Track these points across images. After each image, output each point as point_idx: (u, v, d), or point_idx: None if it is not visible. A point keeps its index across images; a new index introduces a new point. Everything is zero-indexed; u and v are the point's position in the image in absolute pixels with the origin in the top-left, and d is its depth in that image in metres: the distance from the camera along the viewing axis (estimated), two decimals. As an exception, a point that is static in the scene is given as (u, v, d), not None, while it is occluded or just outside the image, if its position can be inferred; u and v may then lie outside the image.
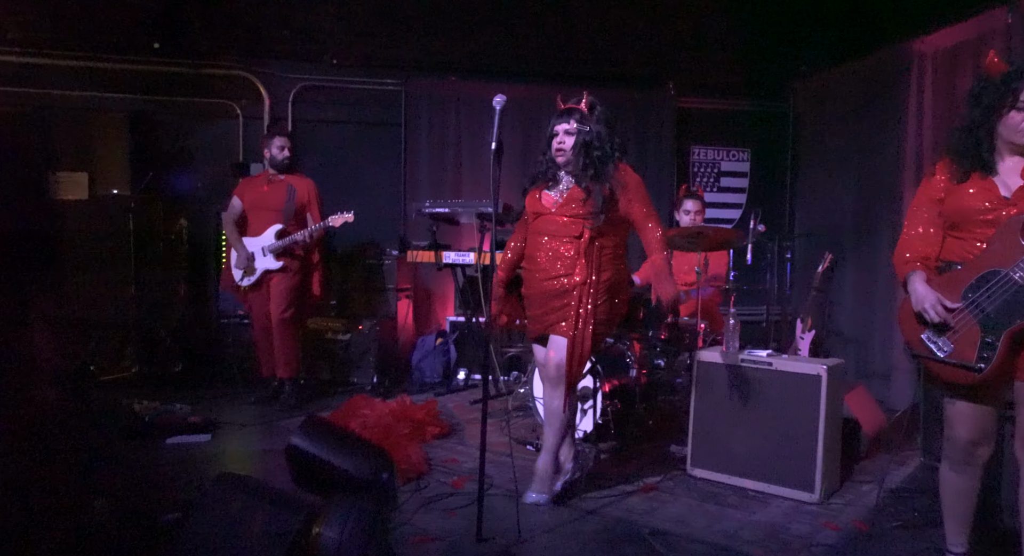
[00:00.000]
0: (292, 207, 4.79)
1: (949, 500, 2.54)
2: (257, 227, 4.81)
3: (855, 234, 5.82)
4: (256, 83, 6.10)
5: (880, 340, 5.46)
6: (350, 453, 1.04)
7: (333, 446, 1.04)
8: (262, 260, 4.76)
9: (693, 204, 4.91)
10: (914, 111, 5.17)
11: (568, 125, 3.20)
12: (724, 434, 3.58)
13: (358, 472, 1.03)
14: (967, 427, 2.42)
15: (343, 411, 4.21)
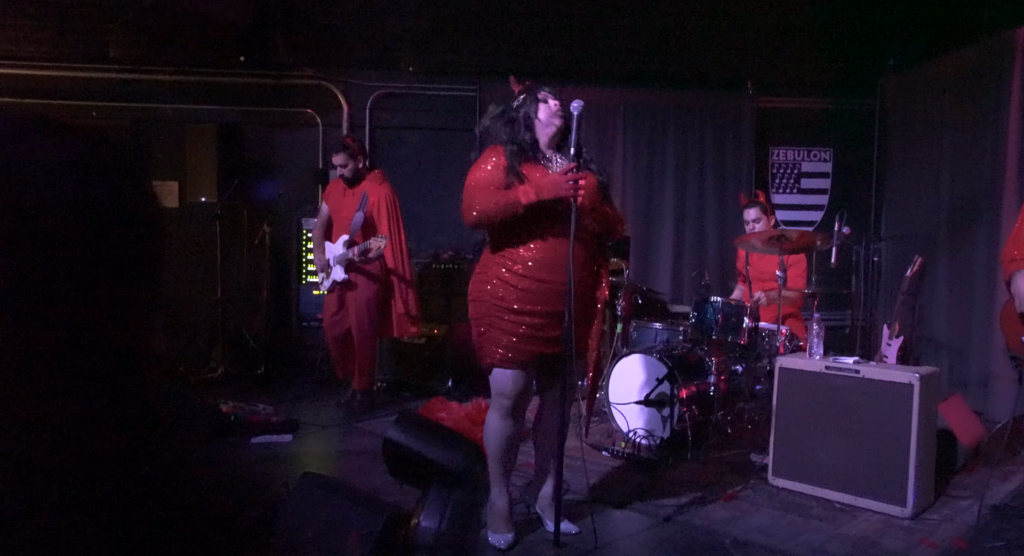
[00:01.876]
0: (361, 216, 4.66)
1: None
2: (336, 233, 4.83)
3: (949, 236, 5.54)
4: (335, 92, 6.26)
5: (978, 347, 5.18)
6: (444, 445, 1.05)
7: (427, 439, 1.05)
8: (334, 270, 4.77)
9: (754, 212, 4.70)
10: (1017, 105, 4.88)
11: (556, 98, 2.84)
12: (808, 443, 3.46)
13: (452, 464, 1.03)
14: None
15: (421, 413, 4.26)
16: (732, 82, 6.44)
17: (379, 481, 3.49)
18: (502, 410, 2.77)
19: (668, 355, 4.14)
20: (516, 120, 2.82)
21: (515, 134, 2.80)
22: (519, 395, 2.78)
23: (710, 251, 6.44)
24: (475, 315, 2.82)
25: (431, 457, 1.05)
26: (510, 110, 2.86)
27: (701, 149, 6.47)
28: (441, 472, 1.07)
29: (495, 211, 2.67)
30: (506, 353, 2.73)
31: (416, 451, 1.06)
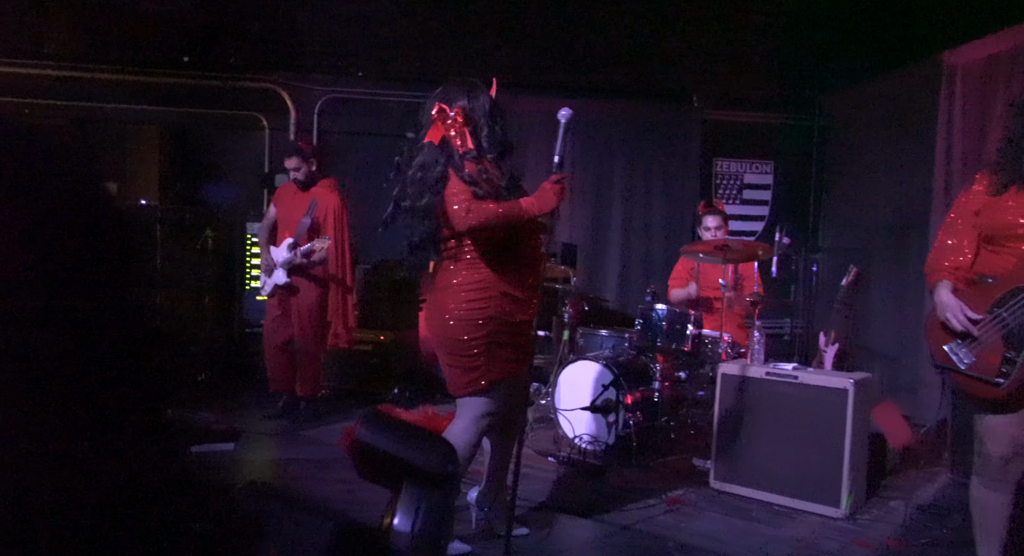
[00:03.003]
0: (308, 222, 4.64)
1: (982, 518, 2.50)
2: (281, 238, 4.73)
3: (883, 248, 5.76)
4: (283, 95, 6.18)
5: (908, 354, 5.39)
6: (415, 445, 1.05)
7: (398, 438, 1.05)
8: (276, 273, 4.68)
9: (714, 220, 4.76)
10: (945, 125, 5.12)
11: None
12: (749, 448, 3.55)
13: (424, 464, 1.03)
14: (999, 443, 2.39)
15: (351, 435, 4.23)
16: (679, 95, 6.59)
17: (328, 490, 3.46)
18: (484, 428, 2.74)
19: (614, 362, 4.21)
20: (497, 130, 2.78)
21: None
22: (495, 415, 2.75)
23: (656, 259, 6.56)
24: (473, 334, 2.65)
25: (403, 457, 1.04)
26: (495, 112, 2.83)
27: (649, 159, 6.60)
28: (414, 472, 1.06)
29: (501, 220, 2.60)
30: (513, 366, 2.71)
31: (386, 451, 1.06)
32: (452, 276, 2.72)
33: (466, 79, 2.86)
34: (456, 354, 2.70)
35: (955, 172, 5.00)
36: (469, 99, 2.78)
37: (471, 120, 2.74)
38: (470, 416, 2.71)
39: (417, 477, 1.11)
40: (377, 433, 1.15)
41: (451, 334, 2.69)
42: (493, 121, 2.77)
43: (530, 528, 3.06)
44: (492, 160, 2.72)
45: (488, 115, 2.77)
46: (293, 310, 4.70)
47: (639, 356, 4.39)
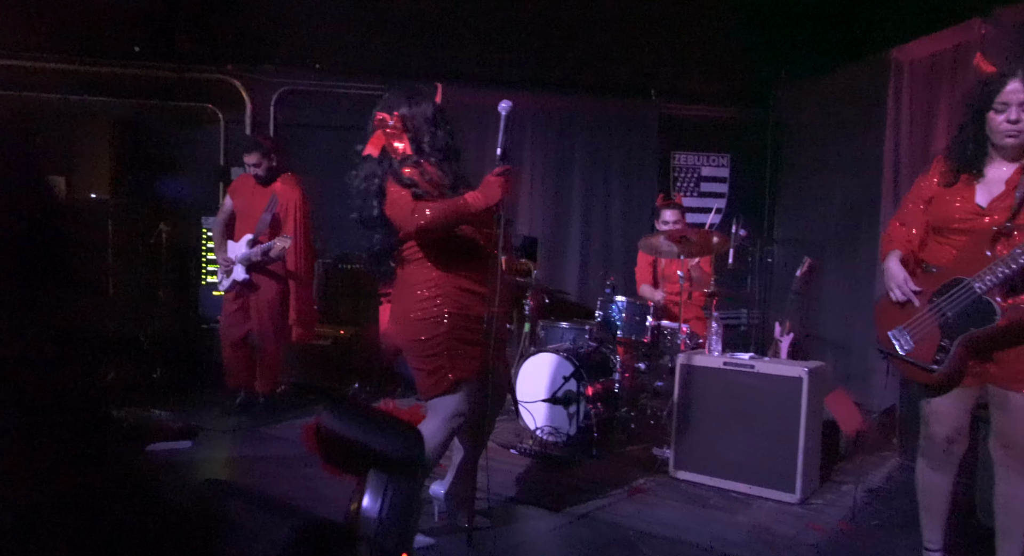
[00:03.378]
0: (268, 217, 4.58)
1: (925, 497, 2.60)
2: (240, 232, 4.69)
3: (836, 239, 5.91)
4: (238, 87, 6.07)
5: (860, 343, 5.54)
6: (381, 431, 1.04)
7: (363, 424, 1.04)
8: (235, 269, 4.62)
9: (671, 214, 4.80)
10: (893, 119, 5.26)
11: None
12: (707, 436, 3.62)
13: (390, 450, 1.02)
14: (942, 425, 2.49)
15: (322, 420, 4.21)
16: (638, 89, 6.64)
17: (289, 487, 3.43)
18: (456, 428, 2.72)
19: (574, 354, 4.25)
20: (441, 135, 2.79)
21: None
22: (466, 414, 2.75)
23: (616, 252, 6.62)
24: (434, 332, 2.65)
25: (368, 444, 1.04)
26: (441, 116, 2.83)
27: (608, 153, 6.65)
28: (380, 459, 1.06)
29: (451, 219, 2.60)
30: (478, 363, 2.70)
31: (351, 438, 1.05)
32: (406, 278, 2.75)
33: (409, 85, 2.86)
34: (420, 355, 2.70)
35: (903, 165, 5.15)
36: (410, 105, 2.78)
37: (411, 126, 2.74)
38: (441, 417, 2.70)
39: (383, 463, 1.11)
40: (341, 420, 1.14)
41: (412, 335, 2.69)
42: (435, 126, 2.77)
43: (492, 520, 3.08)
44: (435, 163, 2.71)
45: (430, 120, 2.77)
46: (252, 306, 4.65)
47: (599, 348, 4.44)
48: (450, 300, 2.66)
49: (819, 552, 2.89)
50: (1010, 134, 2.25)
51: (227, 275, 4.67)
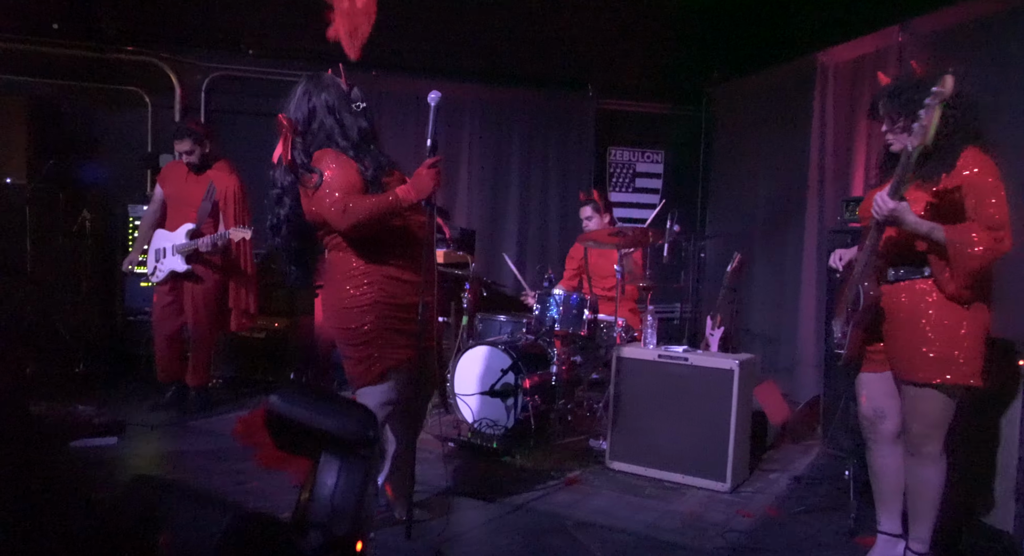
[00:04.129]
0: (208, 206, 4.48)
1: (871, 478, 2.72)
2: (174, 221, 4.53)
3: (764, 236, 6.10)
4: (166, 70, 5.86)
5: (786, 336, 5.74)
6: (332, 413, 1.02)
7: (313, 406, 1.02)
8: (170, 259, 4.47)
9: (587, 210, 5.00)
10: (818, 120, 5.46)
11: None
12: (642, 428, 3.70)
13: (342, 431, 1.01)
14: (864, 404, 2.67)
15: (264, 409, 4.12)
16: (575, 84, 6.71)
17: (221, 481, 3.35)
18: (384, 418, 2.70)
19: (512, 346, 4.27)
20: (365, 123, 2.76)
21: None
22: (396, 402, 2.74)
23: (553, 245, 6.68)
24: (361, 321, 2.64)
25: (320, 426, 1.02)
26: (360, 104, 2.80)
27: (545, 146, 6.70)
28: (333, 441, 1.05)
29: (380, 214, 2.58)
30: (408, 352, 2.68)
31: (302, 421, 1.03)
32: (334, 267, 2.73)
33: (309, 76, 2.83)
34: (348, 344, 2.69)
35: (828, 163, 5.35)
36: (309, 98, 2.76)
37: (318, 119, 2.72)
38: (369, 406, 2.69)
39: (335, 445, 1.10)
40: (291, 403, 1.13)
41: (340, 324, 2.69)
42: (338, 114, 2.72)
43: (431, 512, 3.08)
44: (352, 155, 2.68)
45: (333, 109, 2.73)
46: (188, 297, 4.51)
47: (537, 341, 4.48)
48: (378, 288, 2.65)
49: (748, 537, 2.99)
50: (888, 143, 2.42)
51: (157, 266, 4.51)
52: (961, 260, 2.24)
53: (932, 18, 4.52)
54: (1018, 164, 3.89)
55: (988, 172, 2.29)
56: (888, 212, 2.26)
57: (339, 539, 1.03)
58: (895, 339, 2.48)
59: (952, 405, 2.42)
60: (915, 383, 2.42)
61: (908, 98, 2.35)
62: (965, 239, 2.23)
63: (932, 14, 4.51)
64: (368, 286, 2.65)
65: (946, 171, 2.30)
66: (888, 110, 2.43)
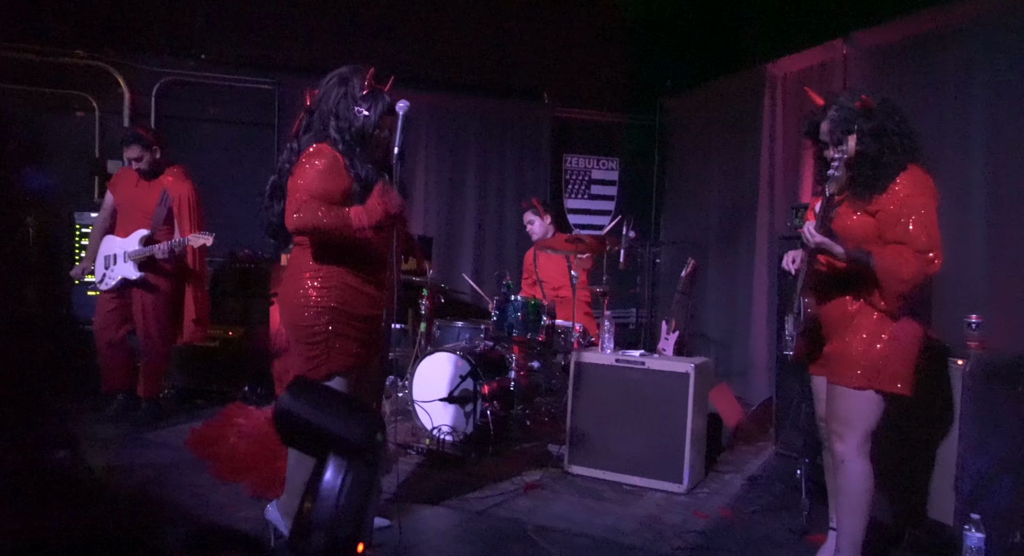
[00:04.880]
0: (163, 212, 4.39)
1: (826, 476, 2.79)
2: (125, 227, 4.43)
3: (717, 242, 6.23)
4: (115, 75, 5.73)
5: (739, 340, 5.87)
6: (341, 414, 1.02)
7: (322, 407, 1.01)
8: (121, 266, 4.37)
9: (527, 216, 5.16)
10: (768, 130, 5.61)
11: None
12: (600, 432, 3.74)
13: (350, 434, 1.01)
14: (816, 405, 2.75)
15: (219, 421, 4.06)
16: (531, 92, 6.77)
17: (177, 495, 3.28)
18: None
19: (471, 353, 4.28)
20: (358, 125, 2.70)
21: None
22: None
23: (510, 251, 6.72)
24: (314, 322, 2.64)
25: (328, 427, 1.02)
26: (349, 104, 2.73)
27: (501, 154, 6.74)
28: (339, 443, 1.05)
29: (327, 229, 2.55)
30: (355, 360, 2.70)
31: (310, 421, 1.03)
32: (299, 263, 2.73)
33: (350, 67, 2.80)
34: (299, 340, 2.71)
35: (778, 171, 5.50)
36: (327, 87, 2.76)
37: (322, 108, 2.73)
38: None
39: (342, 447, 1.10)
40: (300, 401, 1.12)
41: (295, 320, 2.70)
42: (339, 107, 2.70)
43: (391, 519, 3.07)
44: (343, 151, 2.66)
45: (337, 100, 2.71)
46: (138, 305, 4.40)
47: (495, 347, 4.49)
48: (335, 294, 2.66)
49: (704, 538, 3.05)
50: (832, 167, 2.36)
51: (107, 273, 4.41)
52: (890, 285, 2.32)
53: (874, 33, 4.69)
54: (954, 175, 4.08)
55: (920, 192, 2.34)
56: (816, 245, 2.34)
57: (342, 541, 1.03)
58: (828, 343, 2.57)
59: (874, 409, 2.46)
60: (838, 385, 2.50)
61: (839, 138, 2.39)
62: (894, 265, 2.29)
63: (874, 29, 4.68)
64: (326, 290, 2.65)
65: (878, 193, 2.36)
66: (829, 138, 2.47)
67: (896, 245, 2.32)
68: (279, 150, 6.06)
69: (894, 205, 2.33)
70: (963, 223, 4.01)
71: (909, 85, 4.40)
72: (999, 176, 3.90)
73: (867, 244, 2.39)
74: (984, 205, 3.97)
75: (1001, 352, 3.03)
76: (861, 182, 2.39)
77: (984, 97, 3.99)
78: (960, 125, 4.11)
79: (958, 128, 4.12)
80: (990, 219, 3.95)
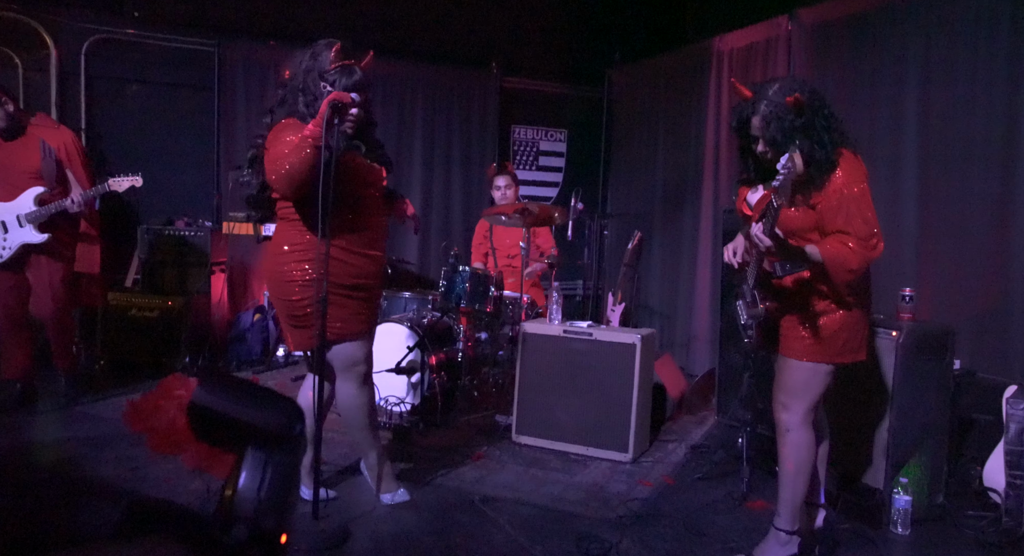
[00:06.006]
0: (52, 165, 4.00)
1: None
2: (5, 191, 3.96)
3: (662, 215, 6.29)
4: (40, 31, 5.42)
5: (683, 312, 5.97)
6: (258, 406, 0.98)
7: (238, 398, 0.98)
8: (18, 232, 3.93)
9: (503, 179, 5.13)
10: (714, 105, 5.66)
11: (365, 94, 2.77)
12: (547, 402, 3.77)
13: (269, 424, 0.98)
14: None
15: (157, 392, 3.94)
16: (479, 61, 6.67)
17: (111, 470, 3.19)
18: (360, 378, 2.87)
19: (418, 324, 4.25)
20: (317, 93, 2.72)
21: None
22: (370, 361, 2.91)
23: (456, 223, 6.67)
24: (301, 296, 2.74)
25: (245, 419, 0.99)
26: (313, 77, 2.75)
27: (448, 123, 6.64)
28: (258, 434, 1.01)
29: (295, 160, 2.56)
30: (346, 325, 2.79)
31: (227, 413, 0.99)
32: (279, 238, 2.82)
33: (321, 41, 2.84)
34: (290, 314, 2.81)
35: (723, 146, 5.56)
36: (298, 62, 2.82)
37: (293, 82, 2.80)
38: (341, 365, 2.86)
39: (261, 439, 1.06)
40: (215, 394, 1.08)
41: (279, 294, 2.81)
42: (306, 82, 2.75)
43: (338, 491, 3.05)
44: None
45: (304, 74, 2.77)
46: (41, 272, 4.02)
47: (442, 318, 4.47)
48: (318, 265, 2.68)
49: (647, 505, 3.11)
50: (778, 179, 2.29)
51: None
52: (837, 275, 2.37)
53: (817, 10, 4.76)
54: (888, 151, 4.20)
55: (854, 180, 2.37)
56: (766, 248, 2.36)
57: (265, 532, 1.00)
58: (782, 318, 2.61)
59: (820, 382, 2.52)
60: (788, 357, 2.56)
61: (772, 136, 2.38)
62: (839, 256, 2.34)
63: (817, 6, 4.75)
64: (308, 263, 2.73)
65: (817, 189, 2.39)
66: (760, 135, 2.43)
67: (838, 235, 2.36)
68: (219, 115, 5.87)
69: (833, 197, 2.36)
70: (895, 198, 4.14)
71: (849, 62, 4.49)
72: (930, 153, 4.03)
73: (809, 234, 2.44)
74: (915, 181, 4.10)
75: (930, 324, 3.15)
76: (802, 184, 2.39)
77: (917, 74, 4.11)
78: (895, 102, 4.22)
79: (893, 105, 4.23)
80: (920, 194, 4.08)
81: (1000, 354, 3.65)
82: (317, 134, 2.54)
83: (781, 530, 2.58)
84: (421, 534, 2.77)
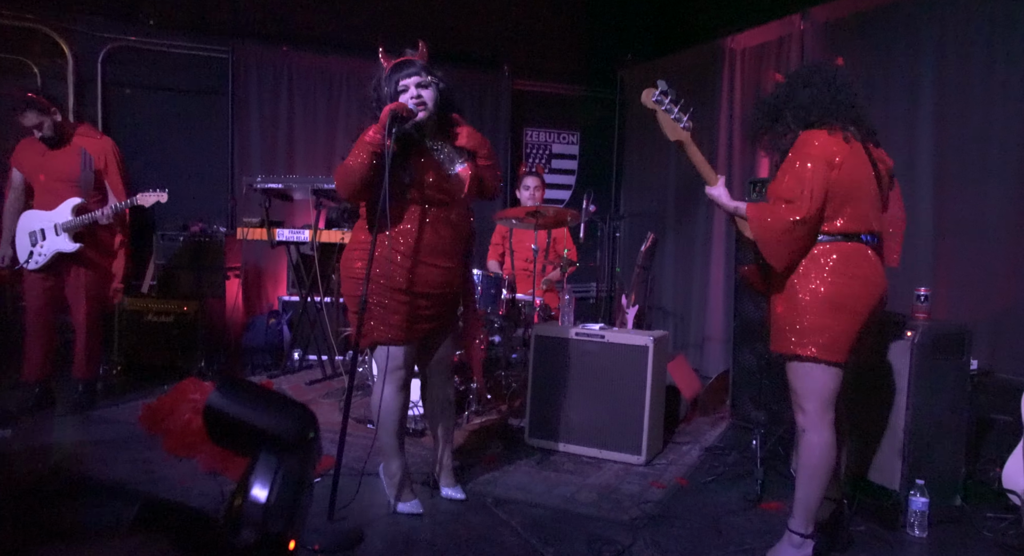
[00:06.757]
0: (90, 176, 4.11)
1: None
2: (47, 201, 4.11)
3: (675, 216, 6.27)
4: (57, 39, 5.50)
5: (696, 313, 5.94)
6: (272, 411, 0.99)
7: (253, 404, 0.99)
8: (53, 240, 4.06)
9: (533, 180, 5.11)
10: (726, 103, 5.63)
11: (420, 77, 2.84)
12: (560, 405, 3.77)
13: (281, 430, 0.98)
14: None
15: (172, 395, 3.97)
16: (491, 63, 6.68)
17: (126, 471, 3.22)
18: (398, 382, 2.90)
19: (432, 327, 4.25)
20: (382, 100, 2.82)
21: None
22: (411, 367, 2.95)
23: (470, 226, 6.66)
24: (355, 292, 2.81)
25: (258, 424, 1.00)
26: (378, 87, 2.87)
27: (461, 126, 6.65)
28: (271, 439, 1.02)
29: (354, 163, 2.68)
30: (396, 331, 2.82)
31: (241, 418, 1.00)
32: (352, 238, 2.95)
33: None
34: (350, 310, 2.92)
35: (735, 146, 5.54)
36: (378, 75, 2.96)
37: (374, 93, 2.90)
38: (379, 369, 2.88)
39: (274, 445, 1.07)
40: (231, 398, 1.09)
41: (346, 291, 2.92)
42: (373, 90, 2.90)
43: (351, 493, 3.05)
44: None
45: (371, 90, 2.92)
46: (73, 281, 4.13)
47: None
48: (376, 264, 2.76)
49: (660, 507, 3.10)
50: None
51: (36, 250, 4.11)
52: (760, 232, 2.44)
53: (829, 8, 4.73)
54: (902, 149, 4.16)
55: (796, 149, 2.47)
56: (710, 199, 2.57)
57: (273, 537, 1.01)
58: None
59: (815, 378, 2.45)
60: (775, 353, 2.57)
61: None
62: (761, 212, 2.45)
63: (830, 4, 4.72)
64: (362, 262, 2.80)
65: (779, 160, 2.53)
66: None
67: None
68: (233, 120, 5.92)
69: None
70: (910, 196, 4.09)
71: (862, 60, 4.46)
72: (945, 151, 3.99)
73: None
74: (931, 179, 4.06)
75: (946, 324, 3.12)
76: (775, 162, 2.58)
77: (931, 72, 4.07)
78: (910, 100, 4.18)
79: (908, 103, 4.19)
80: (936, 192, 4.03)
81: (1019, 353, 3.61)
82: (375, 140, 2.66)
83: (795, 532, 2.55)
84: (434, 536, 2.77)
